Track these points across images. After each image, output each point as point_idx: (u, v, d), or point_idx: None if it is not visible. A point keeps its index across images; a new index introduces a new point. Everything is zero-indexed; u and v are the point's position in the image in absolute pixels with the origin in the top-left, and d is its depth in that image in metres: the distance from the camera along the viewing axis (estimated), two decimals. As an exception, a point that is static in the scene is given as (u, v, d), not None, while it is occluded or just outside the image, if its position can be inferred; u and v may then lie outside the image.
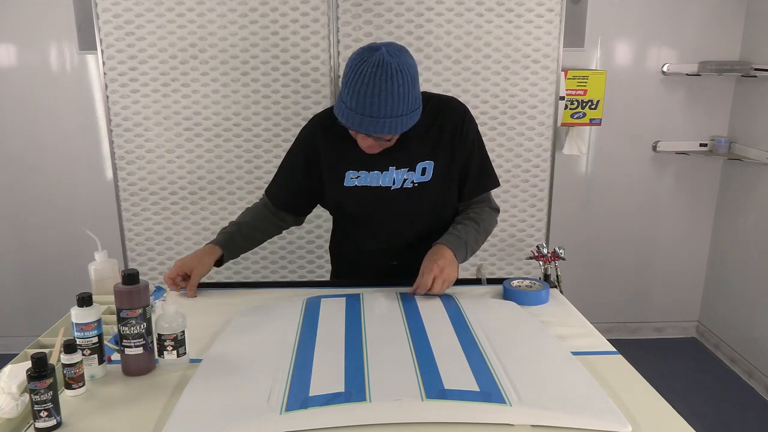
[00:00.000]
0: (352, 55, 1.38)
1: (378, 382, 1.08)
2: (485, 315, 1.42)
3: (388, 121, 1.37)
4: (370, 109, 1.35)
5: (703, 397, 2.78)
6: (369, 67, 1.32)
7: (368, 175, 1.54)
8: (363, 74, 1.33)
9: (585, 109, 2.92)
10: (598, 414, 1.03)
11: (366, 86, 1.33)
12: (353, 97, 1.35)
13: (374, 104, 1.34)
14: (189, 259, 1.59)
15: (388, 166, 1.53)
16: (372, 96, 1.33)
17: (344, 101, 1.37)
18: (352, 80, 1.34)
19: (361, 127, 1.38)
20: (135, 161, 2.64)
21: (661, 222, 3.21)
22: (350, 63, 1.37)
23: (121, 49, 2.52)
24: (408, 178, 1.54)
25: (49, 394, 1.00)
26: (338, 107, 1.40)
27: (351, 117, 1.37)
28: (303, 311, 1.44)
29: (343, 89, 1.38)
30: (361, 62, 1.34)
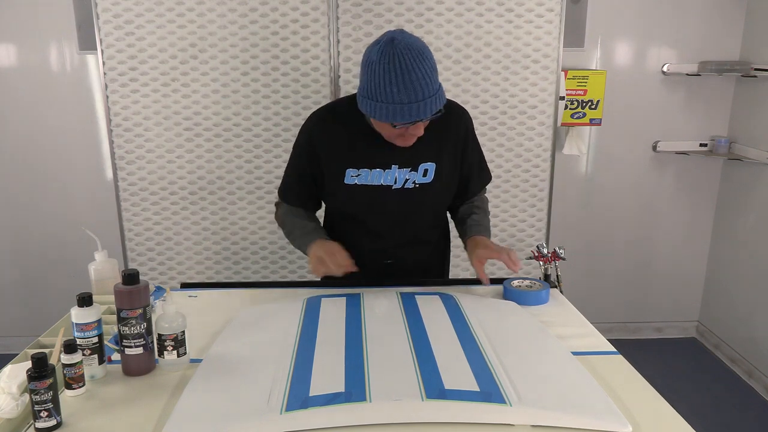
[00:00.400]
0: (373, 55, 1.34)
1: (378, 382, 1.08)
2: (485, 315, 1.42)
3: (437, 95, 1.37)
4: (424, 92, 1.33)
5: (703, 397, 2.78)
6: (404, 54, 1.31)
7: (369, 174, 1.52)
8: (404, 63, 1.31)
9: (585, 109, 2.92)
10: (599, 414, 1.03)
11: (412, 73, 1.32)
12: (406, 90, 1.32)
13: (425, 85, 1.33)
14: (319, 246, 1.52)
15: (390, 165, 1.52)
16: (421, 78, 1.32)
17: (393, 100, 1.33)
18: (394, 73, 1.31)
19: (424, 113, 1.35)
20: (135, 161, 2.64)
21: (661, 222, 3.21)
22: (377, 59, 1.33)
23: (121, 49, 2.52)
24: (410, 178, 1.54)
25: (49, 394, 1.00)
26: (386, 110, 1.34)
27: (412, 109, 1.34)
28: (303, 311, 1.44)
29: (383, 89, 1.33)
30: (392, 55, 1.32)
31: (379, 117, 1.37)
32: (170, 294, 1.52)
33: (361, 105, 1.41)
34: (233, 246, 2.74)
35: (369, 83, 1.36)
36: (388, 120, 1.36)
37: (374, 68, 1.34)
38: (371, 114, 1.39)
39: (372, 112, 1.38)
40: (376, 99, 1.35)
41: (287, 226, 1.65)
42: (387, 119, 1.36)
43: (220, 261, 2.76)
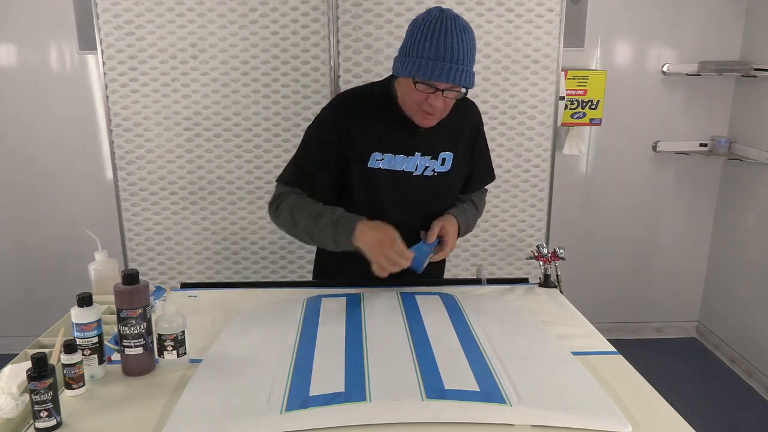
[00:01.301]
0: (419, 18, 1.39)
1: (378, 382, 1.08)
2: (485, 315, 1.42)
3: (468, 70, 1.38)
4: (455, 56, 1.35)
5: (703, 397, 2.78)
6: (447, 20, 1.35)
7: (393, 159, 1.51)
8: (444, 26, 1.34)
9: (585, 109, 2.92)
10: (599, 414, 1.03)
11: (447, 35, 1.34)
12: (437, 46, 1.34)
13: (457, 51, 1.35)
14: (376, 232, 1.42)
15: (414, 151, 1.53)
16: (455, 44, 1.34)
17: (423, 55, 1.35)
18: (431, 32, 1.34)
19: (448, 76, 1.35)
20: (135, 161, 2.64)
21: (661, 222, 3.21)
22: (421, 21, 1.37)
23: (121, 49, 2.52)
24: (429, 166, 1.55)
25: (49, 394, 1.00)
26: (413, 63, 1.37)
27: (436, 67, 1.34)
28: (303, 311, 1.44)
29: (416, 45, 1.36)
30: (435, 18, 1.35)
31: (404, 71, 1.38)
32: (170, 294, 1.52)
33: (394, 65, 1.44)
34: (233, 246, 2.74)
35: (406, 42, 1.39)
36: (411, 74, 1.37)
37: (416, 26, 1.38)
38: (398, 70, 1.41)
39: (401, 68, 1.40)
40: (407, 54, 1.38)
41: (301, 217, 1.47)
42: (410, 73, 1.37)
43: (220, 261, 2.76)
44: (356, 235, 1.41)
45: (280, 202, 1.52)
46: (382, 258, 1.39)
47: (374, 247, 1.40)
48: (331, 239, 1.44)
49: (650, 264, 3.27)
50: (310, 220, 1.46)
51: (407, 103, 1.45)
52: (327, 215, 1.45)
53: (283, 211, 1.50)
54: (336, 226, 1.43)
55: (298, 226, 1.48)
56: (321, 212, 1.46)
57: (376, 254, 1.40)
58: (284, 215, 1.50)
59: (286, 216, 1.49)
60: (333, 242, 1.45)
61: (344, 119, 1.50)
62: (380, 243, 1.39)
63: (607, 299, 3.29)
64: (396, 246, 1.39)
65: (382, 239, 1.40)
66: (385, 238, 1.40)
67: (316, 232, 1.46)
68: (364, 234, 1.41)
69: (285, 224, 1.52)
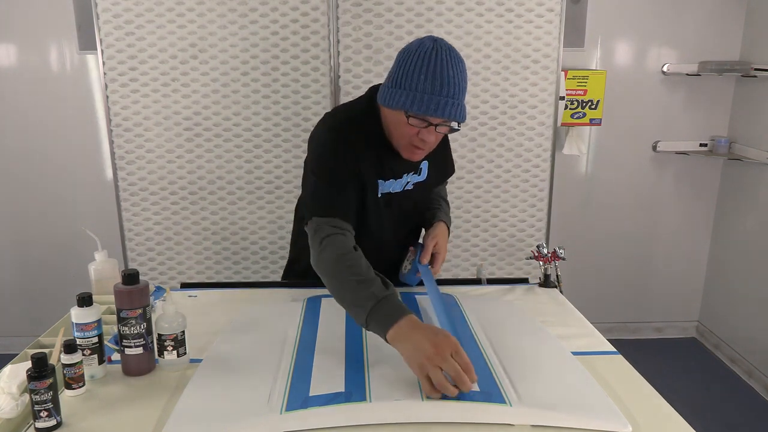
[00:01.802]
0: (410, 48, 1.32)
1: (378, 382, 1.09)
2: (485, 315, 1.42)
3: (461, 104, 1.33)
4: (451, 90, 1.29)
5: (703, 397, 2.78)
6: (442, 52, 1.29)
7: (384, 183, 1.48)
8: (439, 58, 1.29)
9: (585, 109, 2.92)
10: (599, 414, 1.03)
11: (443, 68, 1.28)
12: (432, 79, 1.28)
13: (453, 84, 1.30)
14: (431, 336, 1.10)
15: (402, 173, 1.50)
16: (451, 77, 1.29)
17: (417, 88, 1.29)
18: (426, 64, 1.28)
19: (444, 111, 1.29)
20: (135, 161, 2.64)
21: (661, 222, 3.21)
22: (414, 52, 1.30)
23: (121, 49, 2.52)
24: (410, 180, 1.54)
25: (49, 394, 1.00)
26: (406, 96, 1.30)
27: (431, 101, 1.28)
28: (303, 311, 1.44)
29: (410, 77, 1.30)
30: (429, 50, 1.29)
31: (396, 103, 1.31)
32: (170, 294, 1.52)
33: (382, 95, 1.36)
34: (233, 246, 2.74)
35: (398, 71, 1.32)
36: (404, 107, 1.30)
37: (408, 57, 1.31)
38: (389, 102, 1.33)
39: (391, 100, 1.33)
40: (399, 86, 1.31)
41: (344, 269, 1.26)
42: (404, 106, 1.30)
43: (220, 261, 2.76)
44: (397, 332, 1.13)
45: (325, 238, 1.32)
46: (437, 371, 1.05)
47: (419, 367, 1.07)
48: (363, 312, 1.18)
49: (650, 264, 3.27)
50: (354, 280, 1.23)
51: (396, 137, 1.39)
52: (376, 285, 1.21)
53: (327, 253, 1.31)
54: (375, 307, 1.17)
55: (334, 275, 1.28)
56: (369, 279, 1.24)
57: (430, 366, 1.05)
58: (326, 260, 1.31)
59: (328, 263, 1.30)
60: (364, 321, 1.18)
61: (353, 160, 1.40)
62: (423, 365, 1.06)
63: (607, 299, 3.29)
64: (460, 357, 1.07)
65: (425, 361, 1.06)
66: (432, 359, 1.06)
67: (349, 292, 1.23)
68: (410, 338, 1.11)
69: (321, 269, 1.32)
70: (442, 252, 1.55)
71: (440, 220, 1.61)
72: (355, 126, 1.42)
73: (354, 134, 1.41)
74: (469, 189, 2.73)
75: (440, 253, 1.55)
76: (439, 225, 1.59)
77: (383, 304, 1.16)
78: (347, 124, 1.44)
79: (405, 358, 1.10)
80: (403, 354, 1.10)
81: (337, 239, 1.33)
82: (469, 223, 2.77)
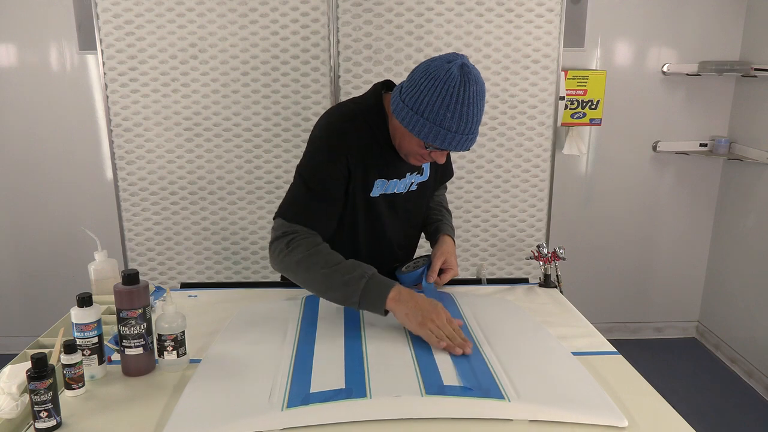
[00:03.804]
0: (438, 75, 1.27)
1: (378, 379, 1.09)
2: (483, 313, 1.43)
3: (475, 135, 1.33)
4: (474, 127, 1.31)
5: (703, 397, 2.78)
6: (469, 86, 1.27)
7: (387, 183, 1.47)
8: (467, 94, 1.27)
9: (585, 109, 2.92)
10: (595, 409, 1.04)
11: (471, 106, 1.28)
12: (459, 120, 1.27)
13: (476, 123, 1.30)
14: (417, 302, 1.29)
15: (405, 173, 1.50)
16: (476, 115, 1.29)
17: (443, 125, 1.27)
18: (454, 101, 1.26)
19: (464, 146, 1.32)
20: (135, 161, 2.64)
21: (661, 222, 3.21)
22: (442, 82, 1.26)
23: (121, 49, 2.52)
24: (414, 181, 1.54)
25: (49, 394, 1.00)
26: (429, 129, 1.28)
27: (454, 139, 1.29)
28: (302, 309, 1.45)
29: (435, 110, 1.27)
30: (458, 83, 1.26)
31: (418, 133, 1.30)
32: (170, 294, 1.52)
33: (400, 112, 1.32)
34: (233, 246, 2.74)
35: (423, 97, 1.28)
36: (426, 139, 1.30)
37: (435, 85, 1.27)
38: (410, 127, 1.30)
39: (412, 125, 1.30)
40: (422, 114, 1.28)
41: (322, 262, 1.33)
42: (425, 138, 1.30)
43: (220, 261, 2.76)
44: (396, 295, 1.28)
45: (293, 240, 1.36)
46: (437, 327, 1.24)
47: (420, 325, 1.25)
48: (358, 291, 1.29)
49: (650, 264, 3.27)
50: (325, 278, 1.32)
51: (405, 147, 1.40)
52: (358, 270, 1.31)
53: (297, 252, 1.35)
54: (370, 280, 1.30)
55: (311, 271, 1.34)
56: (351, 266, 1.32)
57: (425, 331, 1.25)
58: (298, 257, 1.35)
59: (301, 258, 1.35)
60: (360, 293, 1.29)
61: (350, 153, 1.40)
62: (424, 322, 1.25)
63: (607, 299, 3.29)
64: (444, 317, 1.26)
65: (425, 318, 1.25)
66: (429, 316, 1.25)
67: (339, 278, 1.31)
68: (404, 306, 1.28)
69: (293, 266, 1.37)
70: (453, 269, 1.53)
71: (445, 234, 1.59)
72: (359, 123, 1.42)
73: (356, 132, 1.41)
74: (469, 189, 2.73)
75: (451, 269, 1.53)
76: (446, 241, 1.57)
77: (374, 279, 1.30)
78: (350, 121, 1.42)
79: (403, 316, 1.27)
80: (402, 313, 1.27)
81: (306, 240, 1.36)
82: (469, 223, 2.77)
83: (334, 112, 1.46)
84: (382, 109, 1.44)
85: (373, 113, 1.43)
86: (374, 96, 1.46)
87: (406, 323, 1.26)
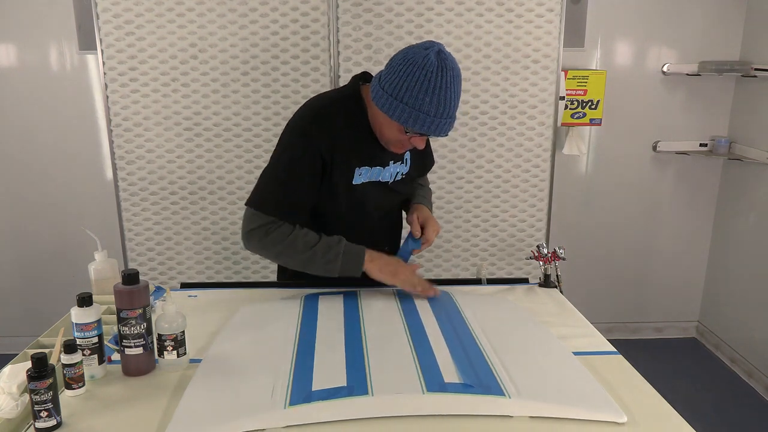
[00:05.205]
0: (415, 60, 1.31)
1: (379, 376, 1.10)
2: (482, 311, 1.44)
3: (453, 119, 1.38)
4: (452, 111, 1.35)
5: (703, 397, 2.78)
6: (447, 72, 1.31)
7: (370, 171, 1.50)
8: (445, 79, 1.31)
9: (585, 109, 2.92)
10: (594, 405, 1.05)
11: (448, 90, 1.32)
12: (437, 103, 1.31)
13: (453, 107, 1.35)
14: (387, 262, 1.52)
15: (388, 161, 1.52)
16: (453, 99, 1.34)
17: (421, 109, 1.31)
18: (431, 86, 1.30)
19: (443, 130, 1.36)
20: (135, 161, 2.64)
21: (661, 222, 3.21)
22: (420, 68, 1.30)
23: (121, 49, 2.52)
24: (399, 170, 1.57)
25: (49, 394, 1.00)
26: (408, 114, 1.32)
27: (433, 123, 1.33)
28: (301, 308, 1.45)
29: (414, 95, 1.31)
30: (435, 68, 1.30)
31: (398, 118, 1.34)
32: (170, 294, 1.53)
33: (380, 99, 1.36)
34: (233, 246, 2.74)
35: (401, 83, 1.32)
36: (406, 124, 1.34)
37: (412, 70, 1.31)
38: (390, 113, 1.35)
39: (391, 111, 1.34)
40: (401, 100, 1.32)
41: (301, 247, 1.44)
42: (405, 123, 1.34)
43: (220, 261, 2.76)
44: (371, 256, 1.48)
45: (269, 230, 1.44)
46: (408, 275, 1.51)
47: (393, 275, 1.49)
48: (338, 266, 1.45)
49: (650, 264, 3.27)
50: (307, 258, 1.46)
51: (386, 136, 1.43)
52: (331, 251, 1.45)
53: (275, 243, 1.45)
54: (345, 254, 1.46)
55: (292, 258, 1.47)
56: (318, 246, 1.45)
57: (399, 280, 1.50)
58: (277, 249, 1.45)
59: (280, 250, 1.46)
60: (339, 268, 1.46)
61: (326, 139, 1.42)
62: (396, 272, 1.50)
63: (607, 299, 3.29)
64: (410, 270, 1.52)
65: (397, 269, 1.50)
66: (399, 267, 1.51)
67: (320, 259, 1.45)
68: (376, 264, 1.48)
69: (272, 257, 1.51)
70: (428, 227, 1.57)
71: (417, 203, 1.65)
72: (337, 110, 1.45)
73: (334, 119, 1.44)
74: (469, 189, 2.73)
75: (428, 226, 1.57)
76: (417, 206, 1.64)
77: (348, 252, 1.45)
78: (327, 109, 1.46)
79: (376, 270, 1.47)
80: (376, 269, 1.47)
81: (281, 229, 1.45)
82: (469, 223, 2.77)
83: (312, 102, 1.50)
84: (360, 98, 1.47)
85: (351, 102, 1.47)
86: (352, 86, 1.50)
87: (381, 276, 1.46)
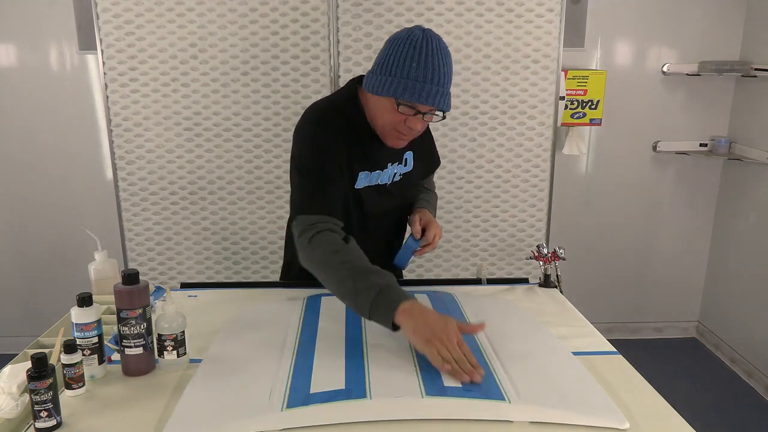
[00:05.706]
0: (400, 36, 1.34)
1: (378, 379, 1.09)
2: (484, 313, 1.42)
3: (448, 93, 1.36)
4: (441, 79, 1.33)
5: (703, 397, 2.78)
6: (432, 41, 1.32)
7: (370, 175, 1.50)
8: (430, 47, 1.32)
9: (585, 109, 2.92)
10: (596, 411, 1.04)
11: (434, 57, 1.32)
12: (424, 68, 1.31)
13: (443, 74, 1.33)
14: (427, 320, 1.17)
15: (386, 164, 1.52)
16: (441, 66, 1.33)
17: (408, 76, 1.31)
18: (417, 53, 1.31)
19: (434, 99, 1.33)
20: (135, 161, 2.64)
21: (661, 222, 3.21)
22: (405, 40, 1.33)
23: (121, 49, 2.52)
24: (397, 171, 1.56)
25: (49, 394, 1.00)
26: (397, 84, 1.32)
27: (423, 89, 1.31)
28: (303, 310, 1.45)
29: (401, 65, 1.32)
30: (420, 39, 1.32)
31: (386, 91, 1.34)
32: (170, 294, 1.52)
33: (370, 82, 1.37)
34: (233, 246, 2.74)
35: (387, 57, 1.34)
36: (395, 95, 1.33)
37: (399, 45, 1.33)
38: (379, 89, 1.35)
39: (381, 87, 1.34)
40: (389, 73, 1.33)
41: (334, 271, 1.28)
42: (395, 94, 1.33)
43: (220, 261, 2.76)
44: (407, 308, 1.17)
45: (314, 237, 1.33)
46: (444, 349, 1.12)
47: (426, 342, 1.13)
48: (366, 306, 1.21)
49: (650, 264, 3.27)
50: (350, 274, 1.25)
51: (381, 124, 1.41)
52: (374, 275, 1.24)
53: (318, 252, 1.31)
54: (380, 293, 1.20)
55: (328, 274, 1.30)
56: (366, 270, 1.26)
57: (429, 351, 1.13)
58: (319, 259, 1.32)
59: (321, 262, 1.31)
60: (367, 309, 1.21)
61: (338, 140, 1.42)
62: (431, 339, 1.13)
63: (607, 299, 3.29)
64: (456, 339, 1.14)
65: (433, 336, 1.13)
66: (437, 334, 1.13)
67: (347, 286, 1.25)
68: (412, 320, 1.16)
69: (314, 268, 1.34)
70: (430, 229, 1.54)
71: (419, 206, 1.63)
72: (337, 114, 1.45)
73: (336, 122, 1.43)
74: (469, 189, 2.73)
75: (429, 227, 1.54)
76: (420, 209, 1.61)
77: (387, 292, 1.20)
78: (329, 112, 1.45)
79: (410, 330, 1.15)
80: (410, 327, 1.15)
81: (326, 236, 1.34)
82: (469, 223, 2.77)
83: (312, 109, 1.49)
84: (357, 100, 1.47)
85: (348, 104, 1.47)
86: (348, 90, 1.50)
87: (413, 339, 1.15)
